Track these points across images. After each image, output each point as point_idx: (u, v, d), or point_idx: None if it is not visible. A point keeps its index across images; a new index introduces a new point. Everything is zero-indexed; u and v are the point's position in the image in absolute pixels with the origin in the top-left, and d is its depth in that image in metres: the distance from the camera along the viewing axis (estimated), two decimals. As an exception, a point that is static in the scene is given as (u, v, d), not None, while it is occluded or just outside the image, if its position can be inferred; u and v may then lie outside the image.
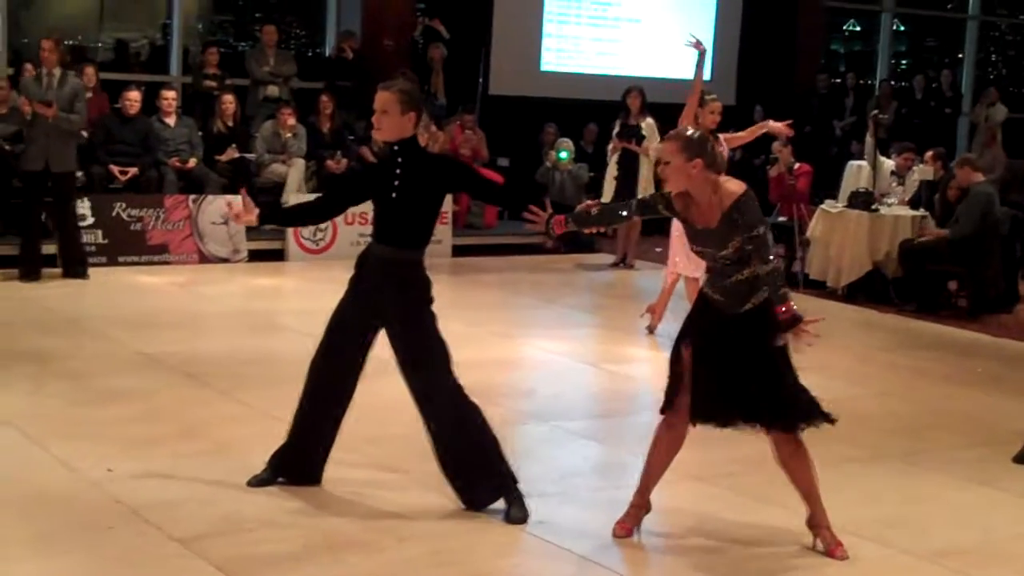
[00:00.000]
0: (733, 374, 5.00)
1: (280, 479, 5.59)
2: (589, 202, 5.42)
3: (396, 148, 5.37)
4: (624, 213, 5.46)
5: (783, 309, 4.88)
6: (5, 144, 11.54)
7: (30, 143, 10.49)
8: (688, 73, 9.02)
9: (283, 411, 5.80)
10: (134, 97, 11.99)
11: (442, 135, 13.69)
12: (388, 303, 5.33)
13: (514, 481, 5.41)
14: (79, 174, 11.11)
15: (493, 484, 5.40)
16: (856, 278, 11.72)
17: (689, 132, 5.05)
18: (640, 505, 5.29)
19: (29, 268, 10.56)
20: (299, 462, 5.60)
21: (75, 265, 10.73)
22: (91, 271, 10.80)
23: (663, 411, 5.19)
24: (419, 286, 5.38)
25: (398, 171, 5.34)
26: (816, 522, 5.16)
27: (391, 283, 5.32)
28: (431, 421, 5.41)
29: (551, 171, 14.35)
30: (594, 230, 5.61)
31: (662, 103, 13.96)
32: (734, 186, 4.97)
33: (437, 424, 5.40)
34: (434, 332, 5.38)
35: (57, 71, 10.49)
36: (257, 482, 5.58)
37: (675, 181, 5.01)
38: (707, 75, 9.48)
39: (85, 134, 11.30)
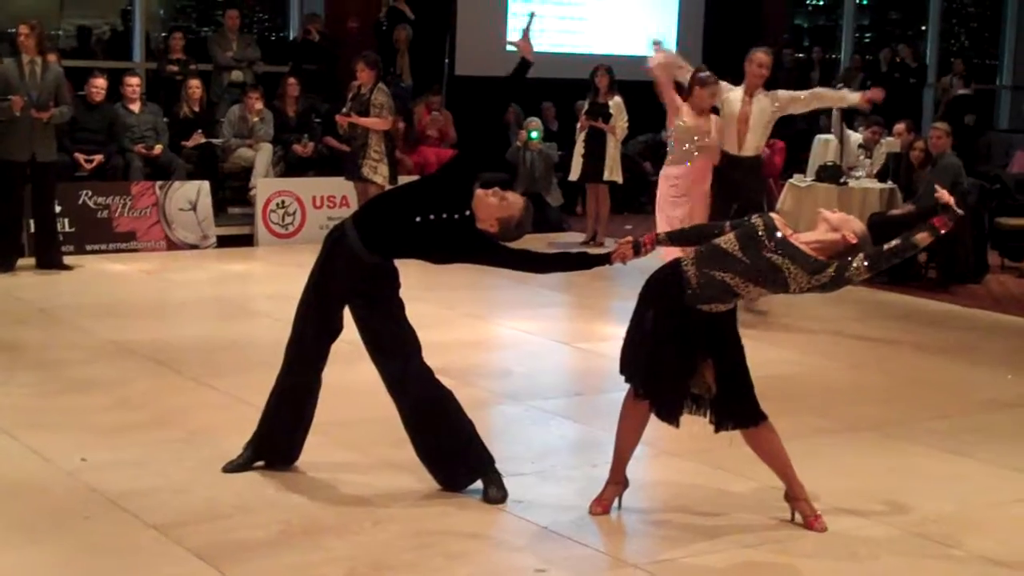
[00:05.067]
0: (691, 368, 5.05)
1: (258, 463, 5.57)
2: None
3: (468, 214, 5.23)
4: (717, 232, 5.22)
5: None
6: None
7: (12, 133, 10.26)
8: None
9: (256, 397, 5.78)
10: (100, 84, 11.84)
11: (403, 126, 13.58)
12: (356, 291, 5.30)
13: (491, 462, 5.41)
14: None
15: (469, 466, 5.40)
16: (826, 252, 11.72)
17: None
18: (617, 482, 5.29)
19: (6, 259, 10.42)
20: (278, 445, 5.57)
21: (53, 255, 10.60)
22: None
23: (623, 374, 5.20)
24: (388, 277, 5.36)
25: (444, 216, 5.22)
26: (793, 495, 5.18)
27: (359, 275, 5.28)
28: (403, 407, 5.40)
29: (521, 150, 14.30)
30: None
31: (630, 81, 13.93)
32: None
33: (409, 410, 5.39)
34: (401, 319, 5.37)
35: (38, 59, 10.35)
36: (233, 468, 5.55)
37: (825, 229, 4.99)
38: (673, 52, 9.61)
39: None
